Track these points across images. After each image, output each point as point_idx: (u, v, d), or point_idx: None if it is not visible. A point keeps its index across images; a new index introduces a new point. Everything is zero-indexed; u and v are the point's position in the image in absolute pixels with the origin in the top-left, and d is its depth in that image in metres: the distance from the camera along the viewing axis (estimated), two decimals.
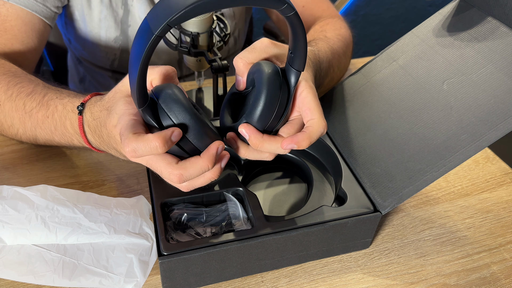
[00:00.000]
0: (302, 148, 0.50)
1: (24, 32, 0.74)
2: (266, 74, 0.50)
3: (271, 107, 0.50)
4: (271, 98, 0.50)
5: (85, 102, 0.57)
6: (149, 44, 0.39)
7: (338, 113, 0.69)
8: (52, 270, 0.53)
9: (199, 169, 0.47)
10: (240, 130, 0.51)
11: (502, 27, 0.61)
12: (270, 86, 0.50)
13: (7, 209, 0.55)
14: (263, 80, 0.50)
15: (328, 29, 0.80)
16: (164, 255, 0.50)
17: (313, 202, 0.60)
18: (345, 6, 2.44)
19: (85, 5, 0.85)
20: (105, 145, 0.56)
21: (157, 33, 0.38)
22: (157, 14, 0.39)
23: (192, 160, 0.48)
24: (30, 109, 0.62)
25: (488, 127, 0.54)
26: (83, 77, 1.04)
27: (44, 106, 0.61)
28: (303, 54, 0.48)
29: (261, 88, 0.50)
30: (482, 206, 0.68)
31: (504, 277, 0.58)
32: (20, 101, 0.63)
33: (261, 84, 0.50)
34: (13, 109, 0.64)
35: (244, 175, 0.63)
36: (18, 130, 0.65)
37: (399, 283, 0.57)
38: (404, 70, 0.67)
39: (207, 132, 0.48)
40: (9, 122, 0.65)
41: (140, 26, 0.41)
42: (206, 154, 0.48)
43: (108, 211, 0.58)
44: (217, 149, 0.48)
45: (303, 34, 0.46)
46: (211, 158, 0.47)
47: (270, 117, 0.50)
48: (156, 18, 0.39)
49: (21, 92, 0.64)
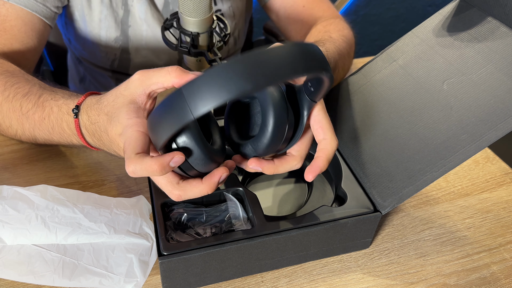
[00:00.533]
0: (322, 170, 0.51)
1: (24, 32, 0.74)
2: (271, 101, 0.48)
3: (279, 134, 0.49)
4: (279, 126, 0.49)
5: (80, 105, 0.56)
6: (183, 124, 0.39)
7: (338, 113, 0.69)
8: (52, 270, 0.53)
9: (198, 193, 0.48)
10: (250, 167, 0.51)
11: (502, 27, 0.61)
12: (276, 115, 0.48)
13: (7, 209, 0.55)
14: (269, 108, 0.48)
15: (332, 29, 0.80)
16: (164, 255, 0.50)
17: (313, 202, 0.60)
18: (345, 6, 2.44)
19: (85, 5, 0.85)
20: (105, 147, 0.55)
21: (195, 116, 0.38)
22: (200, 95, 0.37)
23: (193, 184, 0.48)
24: (27, 111, 0.62)
25: (488, 127, 0.54)
26: (83, 77, 1.04)
27: (40, 107, 0.61)
28: (324, 93, 0.48)
29: (267, 117, 0.48)
30: (482, 206, 0.68)
31: (504, 277, 0.58)
32: (16, 102, 0.63)
33: (267, 113, 0.48)
34: (11, 110, 0.63)
35: (244, 175, 0.63)
36: (17, 131, 0.65)
37: (399, 283, 0.57)
38: (404, 70, 0.67)
39: (211, 158, 0.47)
40: (8, 123, 0.65)
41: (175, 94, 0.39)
42: (208, 181, 0.48)
43: (108, 211, 0.58)
44: (219, 178, 0.48)
45: (330, 85, 0.46)
46: (212, 185, 0.48)
47: (279, 143, 0.50)
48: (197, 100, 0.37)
49: (18, 93, 0.63)
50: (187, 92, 0.38)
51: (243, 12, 1.00)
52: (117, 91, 0.51)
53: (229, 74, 0.36)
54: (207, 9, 0.62)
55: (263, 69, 0.37)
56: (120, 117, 0.49)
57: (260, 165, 0.51)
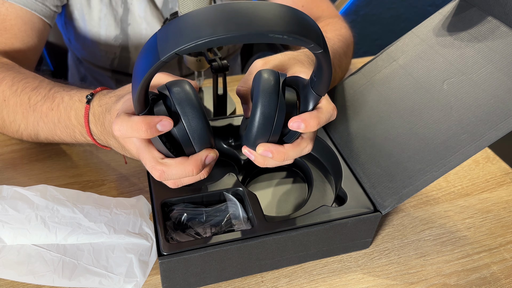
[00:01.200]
0: (310, 130, 0.49)
1: (24, 31, 0.74)
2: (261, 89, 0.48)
3: (266, 121, 0.48)
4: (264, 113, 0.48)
5: (96, 93, 0.58)
6: (153, 68, 0.38)
7: (338, 113, 0.69)
8: (52, 270, 0.53)
9: (182, 172, 0.47)
10: (260, 153, 0.50)
11: (502, 27, 0.61)
12: (264, 102, 0.48)
13: (7, 209, 0.55)
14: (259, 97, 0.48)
15: (329, 29, 0.80)
16: (164, 255, 0.50)
17: (313, 202, 0.60)
18: (345, 6, 2.43)
19: (84, 4, 0.85)
20: (106, 134, 0.56)
21: (164, 59, 0.37)
22: (167, 37, 0.37)
23: (178, 161, 0.47)
24: (35, 103, 0.63)
25: (488, 127, 0.54)
26: (83, 77, 1.05)
27: (49, 98, 0.62)
28: (327, 83, 0.47)
29: (256, 106, 0.48)
30: (482, 206, 0.68)
31: (504, 277, 0.58)
32: (25, 95, 0.64)
33: (256, 102, 0.48)
34: (18, 104, 0.64)
35: (244, 175, 0.63)
36: (20, 126, 0.65)
37: (399, 283, 0.57)
38: (404, 70, 0.67)
39: (200, 136, 0.47)
40: (12, 117, 0.65)
41: (149, 40, 0.40)
42: (193, 158, 0.47)
43: (108, 211, 0.58)
44: (205, 157, 0.48)
45: (329, 69, 0.45)
46: (197, 164, 0.47)
47: (266, 131, 0.49)
48: (166, 42, 0.37)
49: (26, 87, 0.64)
50: (160, 34, 0.38)
51: None
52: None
53: (201, 19, 0.36)
54: None
55: (239, 19, 0.35)
56: (125, 96, 0.50)
57: (270, 148, 0.49)
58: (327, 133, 0.67)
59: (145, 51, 0.40)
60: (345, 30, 0.82)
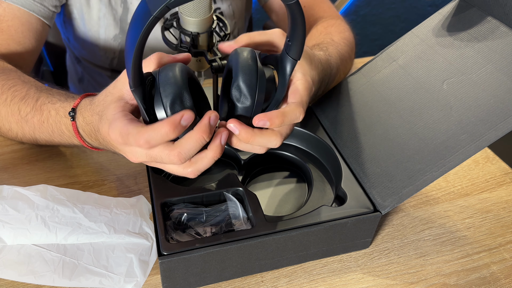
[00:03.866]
0: (274, 126, 0.49)
1: (21, 32, 0.73)
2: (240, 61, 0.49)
3: (250, 95, 0.49)
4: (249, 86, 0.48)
5: (76, 107, 0.56)
6: (147, 25, 0.38)
7: (338, 113, 0.69)
8: (52, 270, 0.53)
9: (194, 142, 0.46)
10: (228, 126, 0.49)
11: (502, 27, 0.61)
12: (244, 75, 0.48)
13: (7, 209, 0.55)
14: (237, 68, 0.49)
15: (333, 31, 0.80)
16: (164, 255, 0.50)
17: (313, 202, 0.60)
18: (345, 6, 2.44)
19: (84, 4, 0.85)
20: (103, 147, 0.56)
21: (156, 14, 0.37)
22: None
23: (186, 136, 0.46)
24: (25, 114, 0.62)
25: (488, 127, 0.54)
26: (81, 77, 1.04)
27: (38, 111, 0.61)
28: (301, 43, 0.47)
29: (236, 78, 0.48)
30: (482, 206, 0.68)
31: (504, 277, 0.58)
32: (15, 106, 0.63)
33: (236, 73, 0.48)
34: (9, 114, 0.63)
35: (244, 175, 0.63)
36: (17, 134, 0.65)
37: (399, 283, 0.57)
38: (404, 70, 0.67)
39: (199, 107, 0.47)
40: (7, 126, 0.65)
41: (137, 8, 0.40)
42: (198, 125, 0.46)
43: (108, 211, 0.58)
44: (209, 119, 0.46)
45: (302, 24, 0.45)
46: (203, 128, 0.46)
47: (252, 106, 0.49)
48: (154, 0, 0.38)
49: (15, 97, 0.63)
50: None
51: (243, 12, 1.00)
52: (106, 90, 0.52)
53: None
54: (207, 9, 0.62)
55: None
56: (108, 114, 0.49)
57: (239, 126, 0.48)
58: (327, 133, 0.67)
59: (135, 16, 0.40)
60: (348, 33, 0.82)
